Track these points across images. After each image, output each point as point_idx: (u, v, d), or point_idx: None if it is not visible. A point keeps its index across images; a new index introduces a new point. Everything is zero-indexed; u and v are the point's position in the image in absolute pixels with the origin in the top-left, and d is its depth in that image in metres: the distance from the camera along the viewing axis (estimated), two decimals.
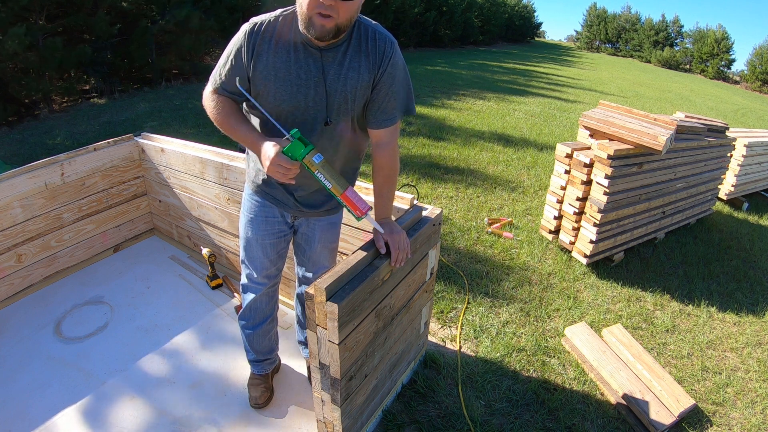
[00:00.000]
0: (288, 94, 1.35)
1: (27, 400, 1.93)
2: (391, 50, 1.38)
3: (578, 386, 2.21)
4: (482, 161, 5.35)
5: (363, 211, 1.39)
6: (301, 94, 1.36)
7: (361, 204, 1.39)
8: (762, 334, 2.76)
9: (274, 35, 1.33)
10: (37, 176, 2.47)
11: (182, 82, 8.83)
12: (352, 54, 1.35)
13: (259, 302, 1.84)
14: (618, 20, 35.11)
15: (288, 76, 1.34)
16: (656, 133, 2.82)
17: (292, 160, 1.31)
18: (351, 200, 1.38)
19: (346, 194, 1.38)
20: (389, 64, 1.38)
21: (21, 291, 2.54)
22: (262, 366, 1.98)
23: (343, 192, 1.37)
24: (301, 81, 1.34)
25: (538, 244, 3.47)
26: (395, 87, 1.41)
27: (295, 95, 1.35)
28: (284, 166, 1.29)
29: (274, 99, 1.36)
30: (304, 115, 1.39)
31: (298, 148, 1.30)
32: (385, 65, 1.37)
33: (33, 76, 6.42)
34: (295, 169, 1.31)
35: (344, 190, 1.37)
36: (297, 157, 1.31)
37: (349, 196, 1.38)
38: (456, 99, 9.03)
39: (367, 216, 1.42)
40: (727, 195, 4.66)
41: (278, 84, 1.34)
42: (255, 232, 1.68)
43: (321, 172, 1.34)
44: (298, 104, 1.37)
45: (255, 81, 1.36)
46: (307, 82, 1.35)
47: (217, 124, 1.42)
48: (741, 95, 18.56)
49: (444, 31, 19.69)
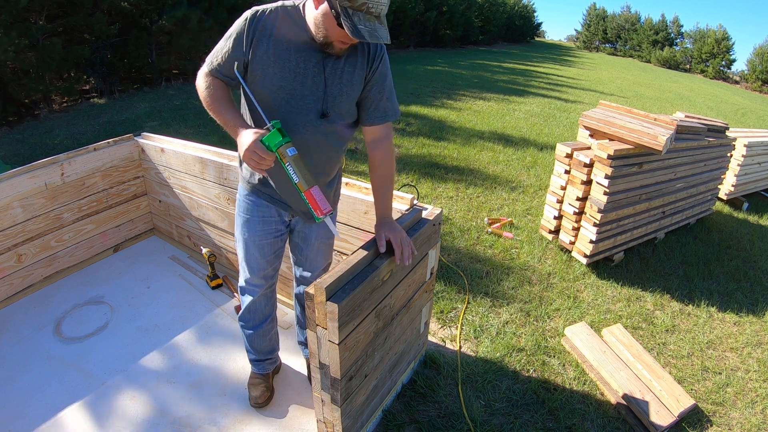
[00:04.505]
0: (286, 80, 1.37)
1: (27, 400, 1.93)
2: (382, 49, 1.45)
3: (578, 386, 2.21)
4: (482, 161, 5.35)
5: (324, 211, 1.40)
6: (298, 81, 1.38)
7: (323, 204, 1.40)
8: (762, 334, 2.76)
9: (276, 24, 1.36)
10: (37, 176, 2.47)
11: (182, 82, 8.83)
12: (350, 51, 1.40)
13: (258, 303, 1.84)
14: (618, 20, 35.08)
15: (288, 64, 1.36)
16: (656, 133, 2.82)
17: (268, 150, 1.32)
18: (314, 199, 1.39)
19: (311, 192, 1.39)
20: (381, 63, 1.45)
21: (21, 291, 2.54)
22: (263, 365, 1.98)
23: (308, 189, 1.38)
24: (300, 69, 1.37)
25: (538, 244, 3.47)
26: (387, 84, 1.48)
27: (293, 82, 1.38)
28: (259, 154, 1.30)
29: (272, 84, 1.38)
30: (300, 103, 1.41)
31: (275, 138, 1.32)
32: (378, 63, 1.44)
33: (33, 77, 6.42)
34: (270, 159, 1.32)
35: (309, 188, 1.38)
36: (272, 147, 1.32)
37: (313, 194, 1.39)
38: (456, 99, 9.03)
39: (327, 218, 1.42)
40: (727, 195, 4.66)
41: (277, 69, 1.36)
42: (252, 233, 1.68)
43: (292, 165, 1.35)
44: (295, 92, 1.39)
45: (253, 65, 1.37)
46: (306, 71, 1.37)
47: (206, 105, 1.44)
48: (741, 95, 18.55)
49: (444, 31, 19.70)
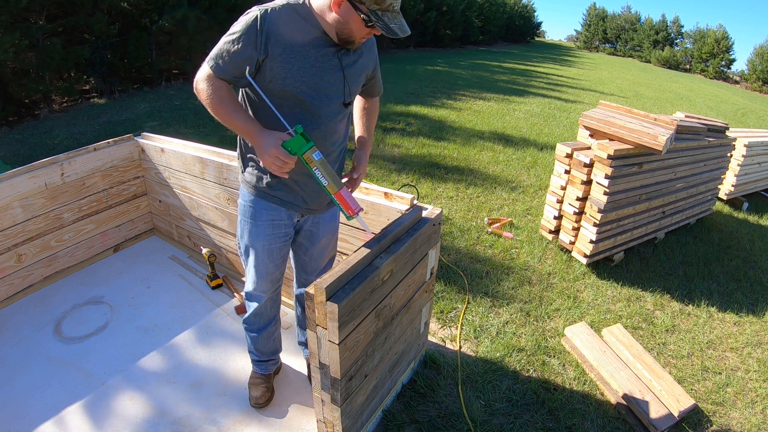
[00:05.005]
0: (308, 75, 1.40)
1: (27, 400, 1.93)
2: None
3: (578, 386, 2.21)
4: (482, 161, 5.35)
5: (355, 211, 1.42)
6: (318, 76, 1.42)
7: (353, 204, 1.42)
8: (762, 334, 2.76)
9: (288, 22, 1.35)
10: (37, 176, 2.47)
11: (182, 82, 8.83)
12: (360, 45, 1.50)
13: (264, 308, 1.84)
14: (618, 20, 35.07)
15: (307, 59, 1.39)
16: (656, 133, 2.82)
17: (291, 154, 1.33)
18: (345, 199, 1.41)
19: (341, 193, 1.41)
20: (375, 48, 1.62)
21: (21, 291, 2.54)
22: (265, 366, 1.98)
23: (338, 191, 1.40)
24: (319, 64, 1.41)
25: (538, 244, 3.47)
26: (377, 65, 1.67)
27: (314, 77, 1.41)
28: (282, 159, 1.32)
29: (295, 80, 1.38)
30: (324, 97, 1.45)
31: (300, 144, 1.33)
32: (375, 49, 1.61)
33: (33, 77, 6.42)
34: (291, 163, 1.35)
35: (339, 189, 1.40)
36: (297, 152, 1.33)
37: (343, 195, 1.41)
38: (456, 99, 9.03)
39: (358, 217, 1.44)
40: (727, 195, 4.66)
41: (299, 65, 1.38)
42: (261, 239, 1.65)
43: (319, 169, 1.37)
44: (318, 86, 1.42)
45: (273, 64, 1.35)
46: (324, 65, 1.42)
47: (212, 110, 1.38)
48: (741, 95, 18.54)
49: (444, 31, 19.69)
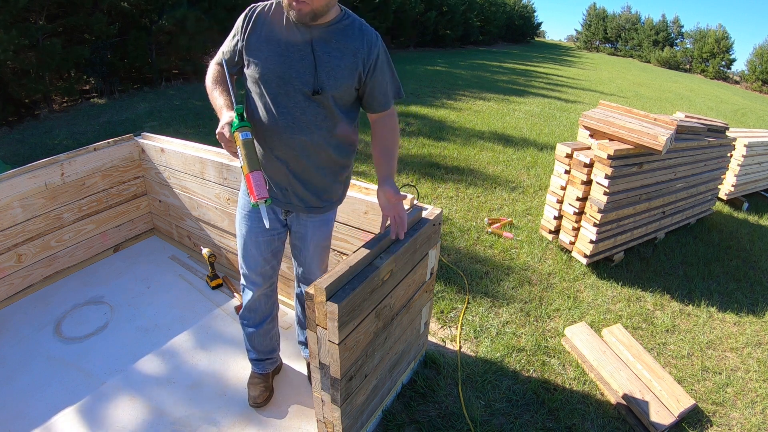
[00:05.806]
0: (275, 64, 1.46)
1: (27, 400, 1.93)
2: (376, 46, 1.50)
3: (578, 386, 2.21)
4: (482, 161, 5.35)
5: (256, 197, 1.39)
6: (285, 64, 1.46)
7: (258, 191, 1.39)
8: (762, 334, 2.76)
9: (270, 14, 1.49)
10: (37, 176, 2.47)
11: (182, 82, 8.83)
12: (338, 36, 1.46)
13: (258, 302, 1.85)
14: (618, 20, 35.07)
15: (277, 48, 1.46)
16: (656, 133, 2.82)
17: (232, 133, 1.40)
18: (251, 183, 1.39)
19: (250, 176, 1.39)
20: (377, 59, 1.50)
21: (21, 291, 2.54)
22: (263, 365, 1.99)
23: (249, 173, 1.39)
24: (286, 53, 1.46)
25: (538, 244, 3.47)
26: (385, 79, 1.56)
27: (281, 65, 1.46)
28: (224, 135, 1.41)
29: (263, 68, 1.47)
30: (287, 85, 1.47)
31: (235, 124, 1.40)
32: (374, 60, 1.49)
33: (33, 77, 6.42)
34: (233, 142, 1.41)
35: (250, 171, 1.39)
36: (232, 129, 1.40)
37: (252, 178, 1.39)
38: (456, 99, 9.03)
39: (261, 206, 1.42)
40: (727, 195, 4.66)
41: (268, 52, 1.46)
42: (249, 228, 1.73)
43: (240, 148, 1.40)
44: (284, 73, 1.46)
45: (248, 53, 1.50)
46: (292, 54, 1.46)
47: (207, 89, 1.59)
48: (741, 95, 18.54)
49: (444, 31, 19.69)
